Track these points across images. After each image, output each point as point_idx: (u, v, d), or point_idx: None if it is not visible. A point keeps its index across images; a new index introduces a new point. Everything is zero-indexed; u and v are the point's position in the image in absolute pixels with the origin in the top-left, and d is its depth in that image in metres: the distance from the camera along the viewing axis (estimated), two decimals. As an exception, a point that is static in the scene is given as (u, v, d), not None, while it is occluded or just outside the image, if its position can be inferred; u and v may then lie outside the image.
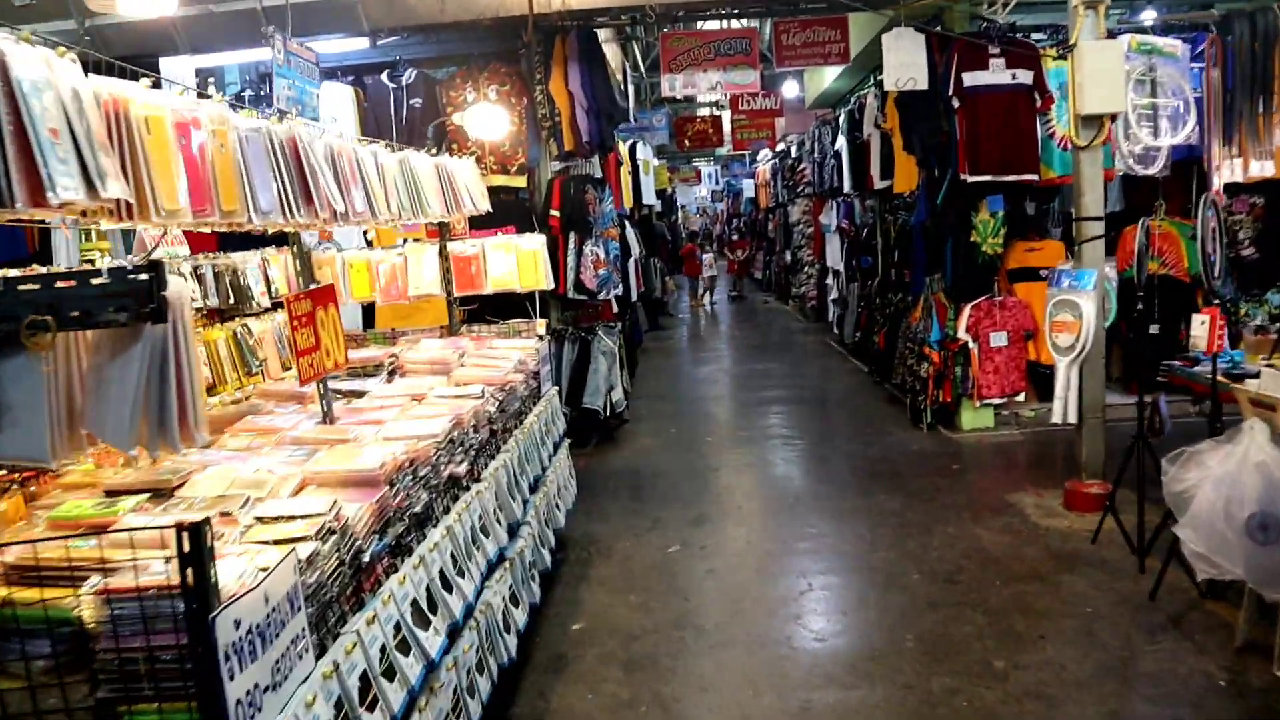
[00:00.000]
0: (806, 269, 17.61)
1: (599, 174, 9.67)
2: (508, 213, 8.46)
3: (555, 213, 8.54)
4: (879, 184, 10.45)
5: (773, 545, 6.23)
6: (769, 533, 6.48)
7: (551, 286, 6.25)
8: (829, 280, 15.04)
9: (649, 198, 15.54)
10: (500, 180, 8.69)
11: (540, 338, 6.21)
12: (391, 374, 5.19)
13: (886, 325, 10.47)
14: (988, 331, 8.44)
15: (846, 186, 12.32)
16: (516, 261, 6.14)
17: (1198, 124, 6.13)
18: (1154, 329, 8.14)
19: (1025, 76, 7.76)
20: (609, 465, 8.37)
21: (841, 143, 12.23)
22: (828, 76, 13.89)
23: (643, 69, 16.46)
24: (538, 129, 8.67)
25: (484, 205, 6.03)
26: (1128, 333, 7.74)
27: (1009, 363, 8.54)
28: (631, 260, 12.12)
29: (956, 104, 7.82)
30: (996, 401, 8.63)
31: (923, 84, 7.50)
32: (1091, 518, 6.19)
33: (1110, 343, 7.21)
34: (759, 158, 24.19)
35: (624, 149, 13.24)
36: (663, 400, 11.15)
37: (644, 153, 15.46)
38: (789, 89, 17.42)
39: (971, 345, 8.45)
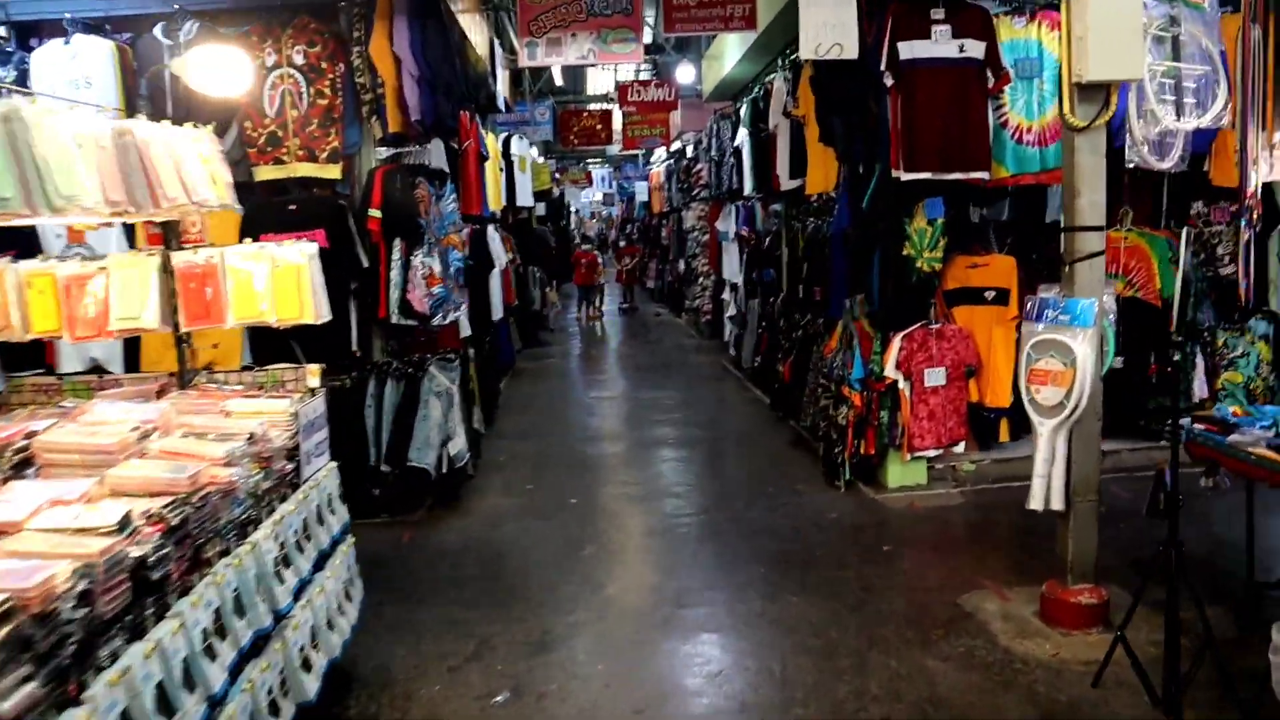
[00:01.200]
0: (701, 280, 15.92)
1: (442, 165, 7.71)
2: (317, 213, 6.50)
3: (375, 213, 6.53)
4: (786, 184, 8.74)
5: (643, 691, 4.33)
6: (639, 665, 4.58)
7: (323, 318, 4.26)
8: (725, 294, 13.35)
9: (524, 199, 13.58)
10: (307, 170, 6.67)
11: (312, 392, 4.27)
12: (21, 467, 3.20)
13: (794, 352, 8.76)
14: (922, 368, 6.76)
15: (747, 188, 10.61)
16: (271, 280, 4.13)
17: (1229, 100, 4.49)
18: (1118, 362, 6.63)
19: (975, 49, 6.10)
20: (438, 542, 6.36)
21: (743, 136, 10.50)
22: (728, 62, 12.14)
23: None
24: (357, 103, 6.70)
25: (216, 196, 4.04)
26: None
27: (947, 406, 6.88)
28: (495, 272, 10.19)
29: (890, 81, 6.11)
30: (930, 454, 6.97)
31: (851, 51, 5.78)
32: (1082, 638, 4.52)
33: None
34: (653, 159, 22.58)
35: (494, 141, 11.27)
36: (526, 440, 9.20)
37: (520, 148, 13.51)
38: (684, 74, 15.66)
39: (902, 385, 6.76)
